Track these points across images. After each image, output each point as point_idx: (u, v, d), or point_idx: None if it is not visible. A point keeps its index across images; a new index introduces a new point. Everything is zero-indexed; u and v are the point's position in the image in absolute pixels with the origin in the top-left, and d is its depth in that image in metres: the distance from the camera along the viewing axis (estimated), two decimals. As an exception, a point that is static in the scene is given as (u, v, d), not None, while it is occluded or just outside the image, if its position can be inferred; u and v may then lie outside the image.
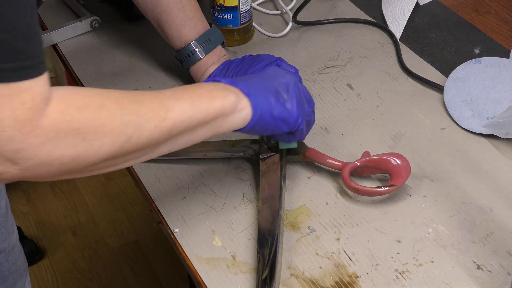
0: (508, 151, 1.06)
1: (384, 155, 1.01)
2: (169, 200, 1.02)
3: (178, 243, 0.96)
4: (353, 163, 1.01)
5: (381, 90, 1.18)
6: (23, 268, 1.31)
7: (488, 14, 1.34)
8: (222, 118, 0.87)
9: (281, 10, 1.38)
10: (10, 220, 1.25)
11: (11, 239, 1.24)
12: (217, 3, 1.25)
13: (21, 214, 2.38)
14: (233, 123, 0.88)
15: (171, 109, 0.81)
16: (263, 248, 0.91)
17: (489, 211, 0.97)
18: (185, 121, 0.83)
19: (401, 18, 1.30)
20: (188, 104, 0.83)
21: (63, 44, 1.34)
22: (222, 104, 0.86)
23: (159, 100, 0.81)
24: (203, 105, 0.84)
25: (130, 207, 2.38)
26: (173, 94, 0.83)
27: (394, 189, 0.97)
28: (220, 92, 0.87)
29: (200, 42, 1.14)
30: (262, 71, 0.98)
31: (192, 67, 1.16)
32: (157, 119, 0.80)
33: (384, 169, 1.00)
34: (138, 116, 0.78)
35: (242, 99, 0.88)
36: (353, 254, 0.93)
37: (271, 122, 0.91)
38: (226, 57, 1.16)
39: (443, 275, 0.90)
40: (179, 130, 0.83)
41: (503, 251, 0.92)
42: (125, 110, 0.77)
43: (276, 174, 1.00)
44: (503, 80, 1.14)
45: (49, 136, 0.71)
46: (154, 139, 0.80)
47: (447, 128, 1.10)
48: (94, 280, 2.16)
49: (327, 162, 1.03)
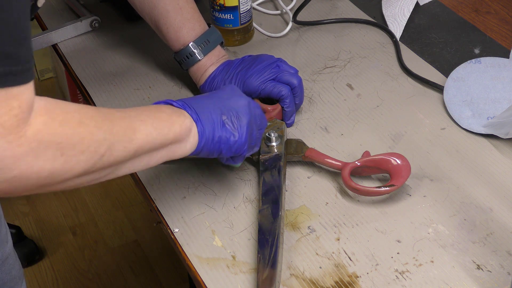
0: (508, 151, 1.06)
1: (384, 155, 1.01)
2: (169, 200, 1.02)
3: (178, 243, 0.96)
4: (353, 163, 1.01)
5: (381, 90, 1.18)
6: (18, 276, 1.28)
7: (488, 14, 1.34)
8: (177, 144, 0.88)
9: (281, 10, 1.38)
10: (3, 230, 1.22)
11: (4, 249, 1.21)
12: (217, 3, 1.25)
13: (21, 214, 2.38)
14: (185, 149, 0.90)
15: (138, 131, 0.83)
16: (263, 248, 0.91)
17: (489, 211, 0.97)
18: (148, 144, 0.84)
19: (401, 18, 1.30)
20: (151, 127, 0.85)
21: (63, 44, 1.34)
22: (180, 129, 0.88)
23: (128, 120, 0.83)
24: (164, 129, 0.86)
25: (130, 207, 2.38)
26: (138, 116, 0.85)
27: (394, 189, 0.97)
28: (177, 117, 0.88)
29: (198, 43, 1.14)
30: (219, 90, 0.97)
31: (191, 69, 1.16)
32: (126, 140, 0.81)
33: (384, 169, 1.00)
34: (111, 135, 0.79)
35: (192, 124, 0.90)
36: (353, 254, 0.93)
37: (216, 148, 0.92)
38: (226, 57, 1.16)
39: (443, 275, 0.90)
40: (142, 151, 0.84)
41: (503, 251, 0.92)
42: (101, 129, 0.78)
43: (276, 174, 1.00)
44: (503, 80, 1.14)
45: (32, 146, 0.70)
46: (120, 159, 0.81)
47: (447, 128, 1.11)
48: (94, 280, 2.16)
49: (327, 162, 1.03)
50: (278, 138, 1.04)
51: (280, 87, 1.09)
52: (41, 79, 2.91)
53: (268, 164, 1.02)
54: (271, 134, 1.04)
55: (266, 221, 0.95)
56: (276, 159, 1.03)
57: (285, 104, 1.10)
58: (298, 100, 1.11)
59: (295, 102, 1.11)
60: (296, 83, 1.10)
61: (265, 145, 1.05)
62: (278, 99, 1.10)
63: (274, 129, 1.06)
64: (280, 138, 1.05)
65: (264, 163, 1.03)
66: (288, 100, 1.09)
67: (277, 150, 1.04)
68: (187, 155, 0.91)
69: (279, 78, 1.10)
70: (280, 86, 1.09)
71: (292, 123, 1.12)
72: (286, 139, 1.06)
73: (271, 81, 1.10)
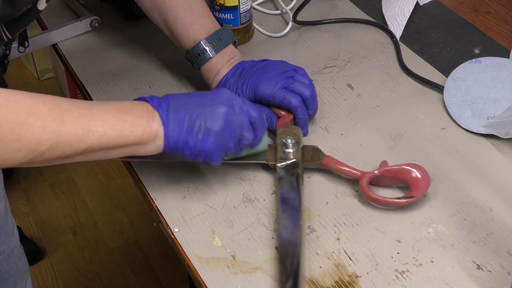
0: (508, 151, 1.06)
1: (403, 165, 0.99)
2: (169, 200, 1.02)
3: (178, 243, 0.96)
4: (371, 173, 0.99)
5: (381, 90, 1.18)
6: (24, 270, 1.30)
7: (488, 14, 1.34)
8: (139, 145, 0.91)
9: (281, 10, 1.38)
10: (10, 222, 1.24)
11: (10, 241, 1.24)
12: (217, 3, 1.25)
13: (21, 214, 2.38)
14: (148, 150, 0.92)
15: (92, 131, 0.86)
16: (285, 258, 0.90)
17: (489, 211, 0.97)
18: (102, 144, 0.88)
19: (401, 18, 1.30)
20: (110, 128, 0.88)
21: (63, 44, 1.34)
22: (142, 134, 0.90)
23: (84, 120, 0.86)
24: (124, 131, 0.89)
25: (130, 207, 2.38)
26: (101, 114, 0.88)
27: (413, 200, 0.97)
28: (145, 121, 0.90)
29: (210, 40, 1.11)
30: (206, 93, 0.97)
31: (203, 68, 1.13)
32: (75, 140, 0.85)
33: (402, 180, 0.99)
34: (56, 136, 0.84)
35: (160, 128, 0.91)
36: (353, 254, 0.93)
37: (185, 152, 0.93)
38: (238, 57, 1.14)
39: (443, 275, 0.90)
40: (94, 149, 0.88)
41: (503, 251, 0.92)
42: (45, 129, 0.83)
43: (294, 182, 0.99)
44: (503, 80, 1.14)
45: None
46: (66, 155, 0.86)
47: (447, 128, 1.10)
48: (94, 280, 2.16)
49: (344, 170, 1.01)
50: (294, 145, 1.03)
51: (290, 98, 1.06)
52: (41, 79, 2.91)
53: (285, 171, 1.01)
54: (287, 140, 1.03)
55: (286, 230, 0.93)
56: (293, 166, 1.01)
57: (297, 114, 1.07)
58: (311, 111, 1.09)
59: (308, 113, 1.08)
60: (308, 94, 1.07)
61: (282, 151, 1.03)
62: (289, 109, 1.08)
63: (290, 134, 1.05)
64: (296, 144, 1.03)
65: (281, 169, 1.02)
66: (299, 110, 1.07)
67: (293, 157, 1.02)
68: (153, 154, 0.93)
69: (291, 88, 1.07)
70: (290, 96, 1.06)
71: (306, 133, 1.09)
72: (302, 145, 1.05)
73: (282, 90, 1.07)
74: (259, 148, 1.02)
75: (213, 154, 0.93)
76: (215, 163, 0.95)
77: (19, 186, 2.47)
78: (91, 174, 2.49)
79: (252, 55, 1.27)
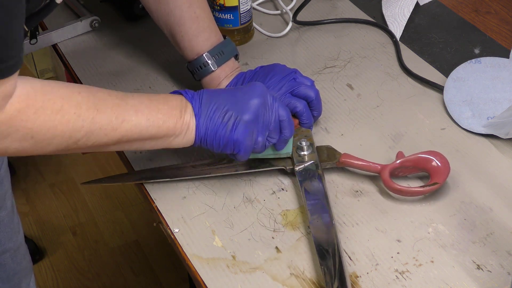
0: (508, 151, 1.06)
1: (420, 154, 1.00)
2: (169, 200, 1.02)
3: (178, 243, 0.96)
4: (392, 164, 1.00)
5: (381, 90, 1.18)
6: (28, 268, 1.31)
7: (488, 14, 1.34)
8: (171, 137, 0.93)
9: (281, 10, 1.38)
10: (16, 220, 1.26)
11: (16, 238, 1.25)
12: (217, 3, 1.25)
13: (21, 214, 2.36)
14: (181, 141, 0.94)
15: (126, 120, 0.89)
16: (325, 260, 0.90)
17: (489, 211, 0.97)
18: (136, 134, 0.90)
19: (401, 18, 1.30)
20: (144, 118, 0.90)
21: (63, 44, 1.34)
22: (174, 124, 0.92)
23: (118, 110, 0.88)
24: (157, 121, 0.91)
25: (130, 207, 2.38)
26: (135, 105, 0.90)
27: (437, 187, 0.97)
28: (178, 112, 0.93)
29: (213, 54, 1.11)
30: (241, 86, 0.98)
31: (204, 80, 1.13)
32: (110, 129, 0.87)
33: (422, 168, 1.00)
34: (91, 124, 0.86)
35: (192, 119, 0.93)
36: (353, 253, 0.93)
37: (214, 144, 0.95)
38: (239, 69, 1.14)
39: (443, 275, 0.90)
40: (128, 139, 0.90)
41: (503, 251, 0.92)
42: (80, 116, 0.85)
43: (317, 183, 0.99)
44: (503, 80, 1.14)
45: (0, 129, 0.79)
46: (100, 144, 0.88)
47: (447, 128, 1.11)
48: (94, 280, 2.16)
49: (364, 165, 1.01)
50: (309, 147, 1.03)
51: (296, 103, 1.06)
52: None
53: (306, 174, 1.01)
54: (302, 143, 1.03)
55: (320, 231, 0.93)
56: (313, 168, 1.02)
57: (302, 119, 1.07)
58: (316, 113, 1.09)
59: (313, 115, 1.08)
60: (313, 96, 1.07)
61: (297, 155, 1.03)
62: (294, 114, 1.07)
63: (302, 137, 1.04)
64: (311, 146, 1.03)
65: (301, 173, 1.01)
66: (304, 115, 1.07)
67: (310, 159, 1.02)
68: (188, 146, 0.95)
69: (296, 92, 1.07)
70: (295, 101, 1.06)
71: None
72: (316, 146, 1.05)
73: (287, 95, 1.07)
74: (283, 152, 1.02)
75: (241, 145, 0.94)
76: (242, 155, 0.96)
77: (19, 186, 2.47)
78: (91, 174, 2.49)
79: (252, 55, 1.27)
